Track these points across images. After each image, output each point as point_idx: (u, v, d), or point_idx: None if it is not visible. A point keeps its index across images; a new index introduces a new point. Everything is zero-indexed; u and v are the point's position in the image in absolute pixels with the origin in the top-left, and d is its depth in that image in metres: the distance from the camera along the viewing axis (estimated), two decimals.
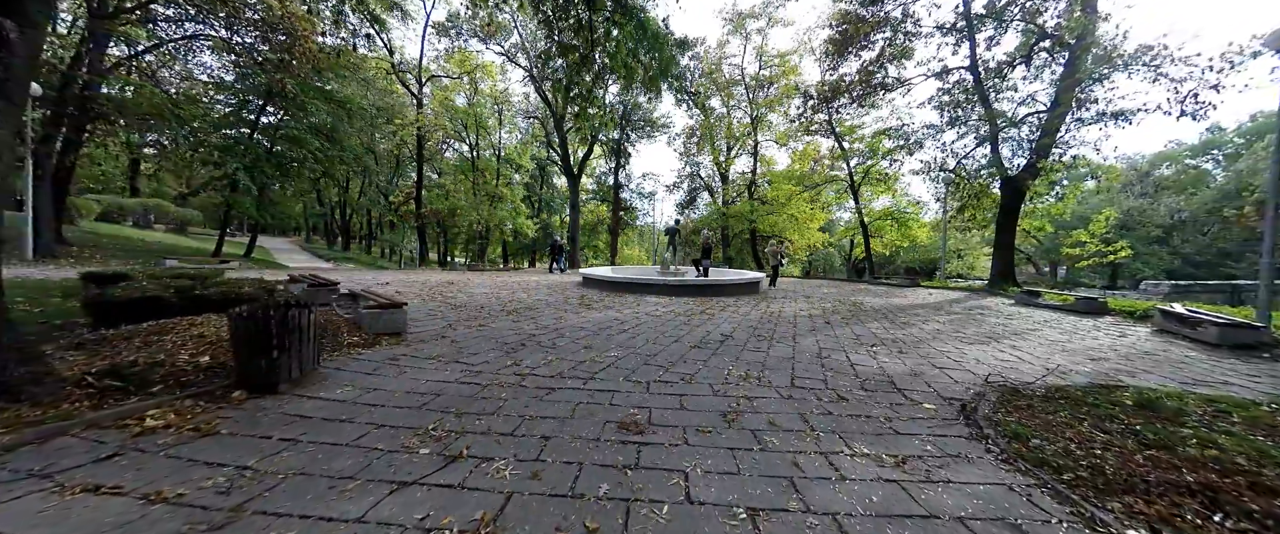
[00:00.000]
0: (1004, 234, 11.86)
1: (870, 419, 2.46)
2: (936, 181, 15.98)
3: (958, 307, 8.75)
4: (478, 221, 24.34)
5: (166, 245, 17.23)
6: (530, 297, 8.10)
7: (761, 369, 3.44)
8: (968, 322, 6.62)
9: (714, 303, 8.01)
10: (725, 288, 9.46)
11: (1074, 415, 2.46)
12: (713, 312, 6.81)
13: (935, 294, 11.67)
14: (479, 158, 30.58)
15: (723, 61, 24.98)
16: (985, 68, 13.16)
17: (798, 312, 7.18)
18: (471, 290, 8.76)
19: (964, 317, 7.20)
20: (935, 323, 6.38)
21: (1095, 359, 4.32)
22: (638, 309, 6.82)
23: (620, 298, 8.37)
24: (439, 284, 9.80)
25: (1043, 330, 5.99)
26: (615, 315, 6.07)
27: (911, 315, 7.16)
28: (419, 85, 21.42)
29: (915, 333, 5.43)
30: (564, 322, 5.40)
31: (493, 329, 4.73)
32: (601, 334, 4.67)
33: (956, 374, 3.50)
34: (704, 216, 28.56)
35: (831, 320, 6.30)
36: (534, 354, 3.68)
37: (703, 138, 26.77)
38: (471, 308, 6.26)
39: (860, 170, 18.98)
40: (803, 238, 24.47)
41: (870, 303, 8.96)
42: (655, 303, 7.72)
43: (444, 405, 2.45)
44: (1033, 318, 7.29)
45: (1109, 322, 7.11)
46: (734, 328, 5.36)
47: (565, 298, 8.05)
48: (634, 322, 5.58)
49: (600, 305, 7.13)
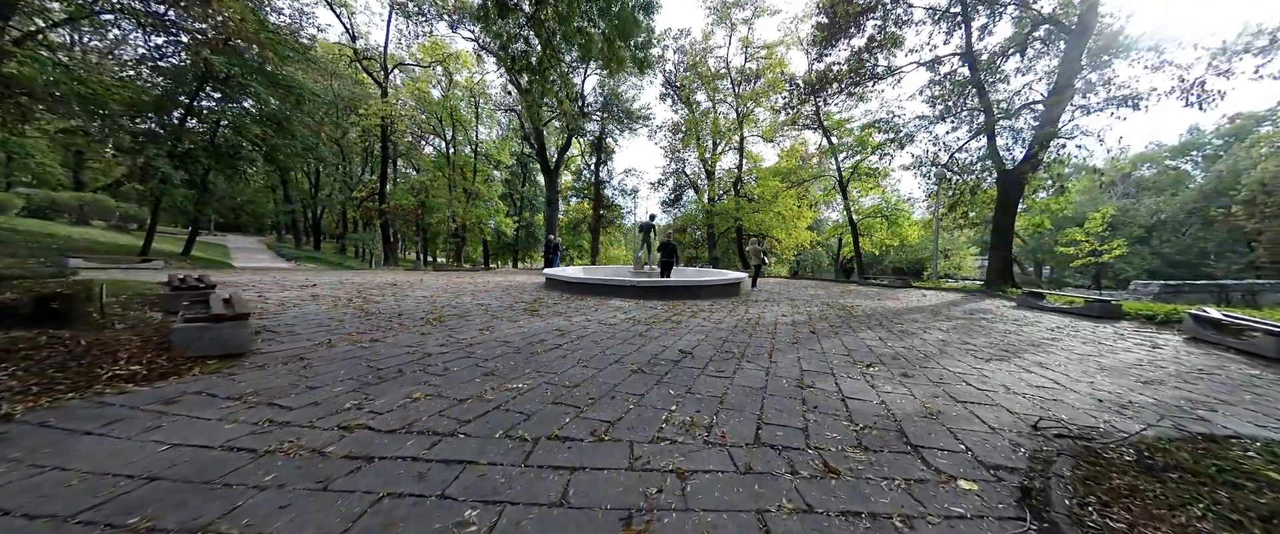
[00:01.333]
0: (1001, 231, 11.10)
1: (876, 519, 1.46)
2: (928, 177, 15.24)
3: (957, 310, 7.88)
4: (448, 219, 23.03)
5: (90, 242, 15.70)
6: (474, 301, 7.01)
7: (717, 408, 2.43)
8: (974, 329, 5.72)
9: (686, 307, 7.01)
10: (701, 290, 8.47)
11: (1211, 501, 1.49)
12: (681, 318, 5.80)
13: (930, 296, 10.85)
14: (455, 153, 29.28)
15: (707, 54, 24.08)
16: (979, 58, 12.42)
17: (779, 318, 6.21)
18: (412, 294, 7.63)
19: (967, 323, 6.30)
20: (938, 331, 5.46)
21: (1148, 382, 3.40)
22: (593, 316, 5.78)
23: (580, 302, 7.33)
24: (378, 287, 8.65)
25: (1063, 340, 5.10)
26: (560, 324, 5.03)
27: (908, 322, 6.24)
28: (385, 73, 20.10)
29: (918, 345, 4.48)
30: (489, 334, 4.34)
31: (383, 347, 3.65)
32: (524, 352, 3.62)
33: (988, 413, 2.53)
34: (688, 214, 27.63)
35: (818, 329, 5.34)
36: (402, 388, 2.62)
37: (688, 133, 25.85)
38: (385, 316, 5.16)
39: (849, 166, 18.20)
40: (790, 237, 23.69)
41: (861, 306, 8.05)
42: (618, 308, 6.70)
43: (120, 511, 1.38)
44: (1043, 324, 6.43)
45: (1129, 328, 6.28)
46: (699, 340, 4.35)
47: (514, 302, 6.98)
48: (578, 333, 4.54)
49: (550, 311, 6.07)
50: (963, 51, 12.22)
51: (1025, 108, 11.21)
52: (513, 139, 30.15)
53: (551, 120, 21.74)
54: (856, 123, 17.76)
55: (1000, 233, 11.09)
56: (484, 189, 28.51)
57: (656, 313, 6.25)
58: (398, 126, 20.03)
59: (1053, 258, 41.48)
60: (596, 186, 26.77)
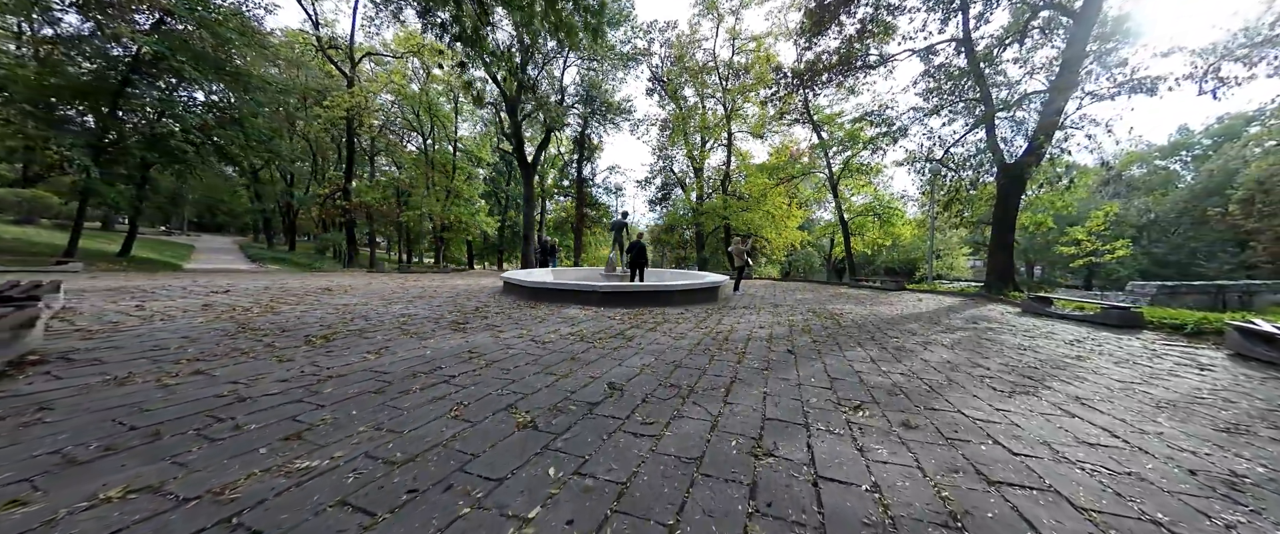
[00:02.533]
0: (1001, 230, 10.30)
1: None
2: (922, 174, 14.46)
3: (957, 318, 7.02)
4: (415, 219, 21.91)
5: (24, 242, 14.46)
6: (402, 309, 6.02)
7: (608, 510, 1.50)
8: (982, 345, 4.84)
9: (651, 316, 6.08)
10: (673, 295, 7.54)
11: None
12: (637, 332, 4.87)
13: (926, 299, 10.02)
14: (436, 150, 28.14)
15: (695, 46, 23.20)
16: (977, 45, 11.63)
17: (755, 329, 5.29)
18: (332, 302, 6.63)
19: (973, 336, 5.43)
20: (940, 347, 4.57)
21: (1232, 430, 2.51)
22: (532, 330, 4.83)
23: (531, 311, 6.37)
24: (301, 293, 7.63)
25: (1090, 360, 4.24)
26: (481, 344, 4.07)
27: (905, 333, 5.35)
28: (351, 63, 18.96)
29: (919, 370, 3.58)
30: (375, 360, 3.37)
31: (193, 387, 2.68)
32: (392, 390, 2.66)
33: (1043, 512, 1.61)
34: (674, 212, 26.72)
35: (797, 345, 4.43)
36: (117, 472, 1.65)
37: (675, 129, 24.97)
38: (265, 333, 4.17)
39: (840, 162, 17.39)
40: (780, 236, 22.89)
41: (851, 313, 7.17)
42: (569, 318, 5.75)
43: None
44: (1059, 336, 5.58)
45: (1157, 340, 5.45)
46: (643, 367, 3.42)
47: (449, 313, 6.01)
48: (495, 357, 3.59)
49: (482, 325, 5.11)
50: (959, 38, 11.43)
51: (1027, 98, 10.41)
52: (494, 135, 29.08)
53: (529, 115, 20.69)
54: (848, 117, 16.97)
55: (1001, 232, 10.29)
56: (465, 187, 27.40)
57: (611, 325, 5.31)
58: (365, 119, 18.88)
59: (1044, 258, 41.19)
60: (578, 184, 25.79)
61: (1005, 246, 10.21)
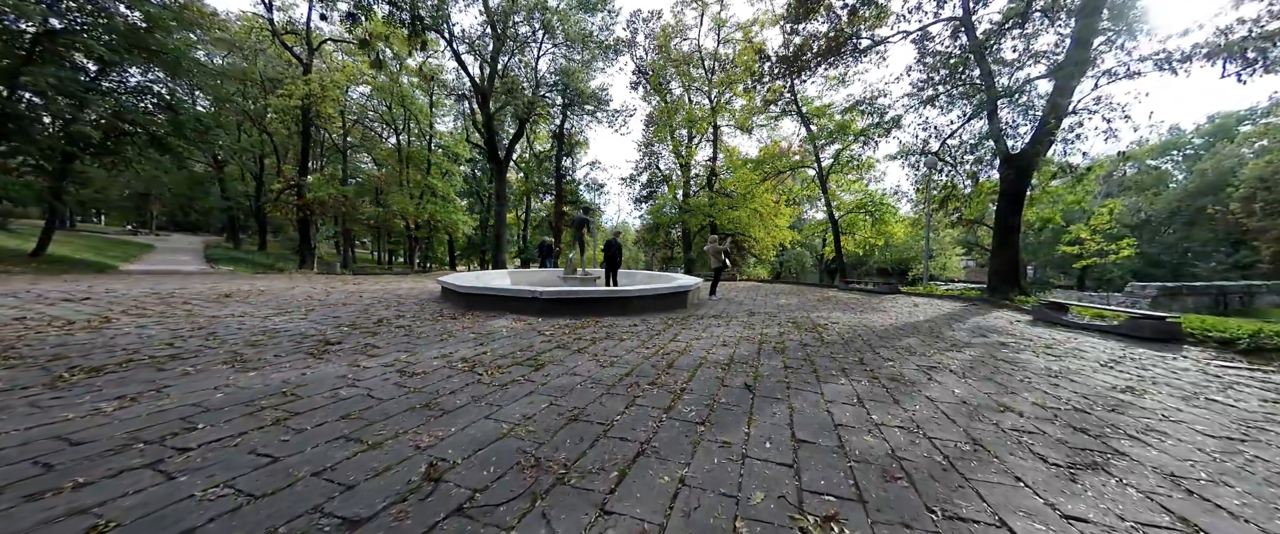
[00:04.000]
0: (1005, 228, 9.31)
1: None
2: (916, 168, 13.47)
3: (961, 329, 5.97)
4: (383, 217, 20.62)
5: None
6: (287, 321, 4.85)
7: None
8: (1001, 371, 3.77)
9: (593, 330, 4.97)
10: (631, 302, 6.43)
11: None
12: (560, 354, 3.75)
13: (921, 304, 8.99)
14: (408, 146, 26.84)
15: (680, 36, 22.14)
16: (977, 27, 10.64)
17: (713, 349, 4.19)
18: (208, 313, 5.44)
19: (986, 356, 4.37)
20: (950, 375, 3.50)
21: None
22: (423, 352, 3.70)
23: (449, 323, 5.23)
24: (188, 299, 6.42)
25: (1149, 396, 3.18)
26: (325, 375, 2.93)
27: (902, 353, 4.27)
28: (309, 49, 17.63)
29: (925, 421, 2.49)
30: (132, 407, 2.23)
31: None
32: (38, 480, 1.52)
33: None
34: (657, 208, 25.61)
35: (761, 375, 3.33)
36: None
37: (661, 124, 23.87)
38: (27, 358, 2.99)
39: (830, 155, 16.39)
40: (769, 235, 21.87)
41: (838, 323, 6.10)
42: (490, 332, 4.63)
43: None
44: (1089, 355, 4.54)
45: (1210, 360, 4.42)
46: (527, 418, 2.30)
47: (337, 327, 4.85)
48: (318, 401, 2.46)
49: (359, 345, 3.96)
50: (958, 18, 10.44)
51: (1032, 83, 9.40)
52: (469, 129, 27.83)
53: (502, 107, 19.48)
54: (838, 107, 15.97)
55: (1004, 230, 9.30)
56: (440, 184, 26.11)
57: (533, 343, 4.18)
58: (323, 109, 17.56)
59: (1037, 258, 40.60)
60: (557, 181, 24.59)
61: (1009, 246, 9.21)
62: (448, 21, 15.84)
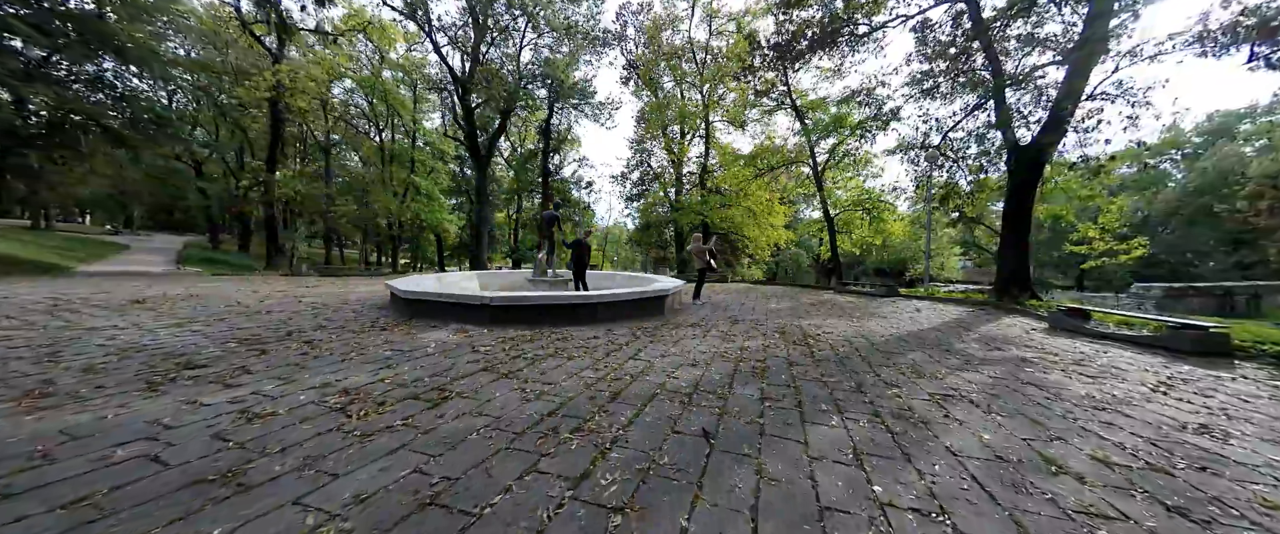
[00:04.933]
0: (1015, 225, 8.57)
1: None
2: (916, 163, 12.74)
3: (973, 341, 5.22)
4: (364, 216, 19.77)
5: None
6: (170, 336, 4.06)
7: None
8: (1033, 401, 3.01)
9: (541, 345, 4.19)
10: (597, 309, 5.65)
11: None
12: (481, 382, 2.97)
13: (925, 309, 8.24)
14: (391, 142, 25.99)
15: (670, 28, 21.38)
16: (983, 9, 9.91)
17: (678, 372, 3.40)
18: (86, 324, 4.64)
19: (1009, 375, 3.61)
20: (971, 410, 2.73)
21: None
22: (304, 380, 2.92)
23: (377, 335, 4.45)
24: (83, 305, 5.61)
25: (1236, 443, 2.43)
26: (147, 416, 2.15)
27: (908, 375, 3.50)
28: (279, 40, 16.77)
29: (948, 492, 1.73)
30: None
31: None
32: None
33: None
34: (648, 206, 24.84)
35: (733, 408, 2.56)
36: None
37: (651, 119, 23.10)
38: None
39: (825, 150, 15.66)
40: (763, 235, 21.12)
41: (832, 333, 5.34)
42: (418, 347, 3.85)
43: None
44: (1128, 373, 3.80)
45: (1266, 378, 3.69)
46: (362, 496, 1.52)
47: (224, 344, 4.06)
48: (115, 457, 1.67)
49: (231, 369, 3.17)
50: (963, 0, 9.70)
51: (1042, 70, 8.66)
52: (454, 126, 27.00)
53: (483, 103, 18.66)
54: (834, 101, 15.23)
55: (1014, 227, 8.57)
56: (424, 182, 25.27)
57: (457, 364, 3.40)
58: (293, 102, 16.69)
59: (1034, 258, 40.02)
60: (544, 179, 23.79)
61: (1019, 245, 8.48)
62: (424, 7, 15.02)
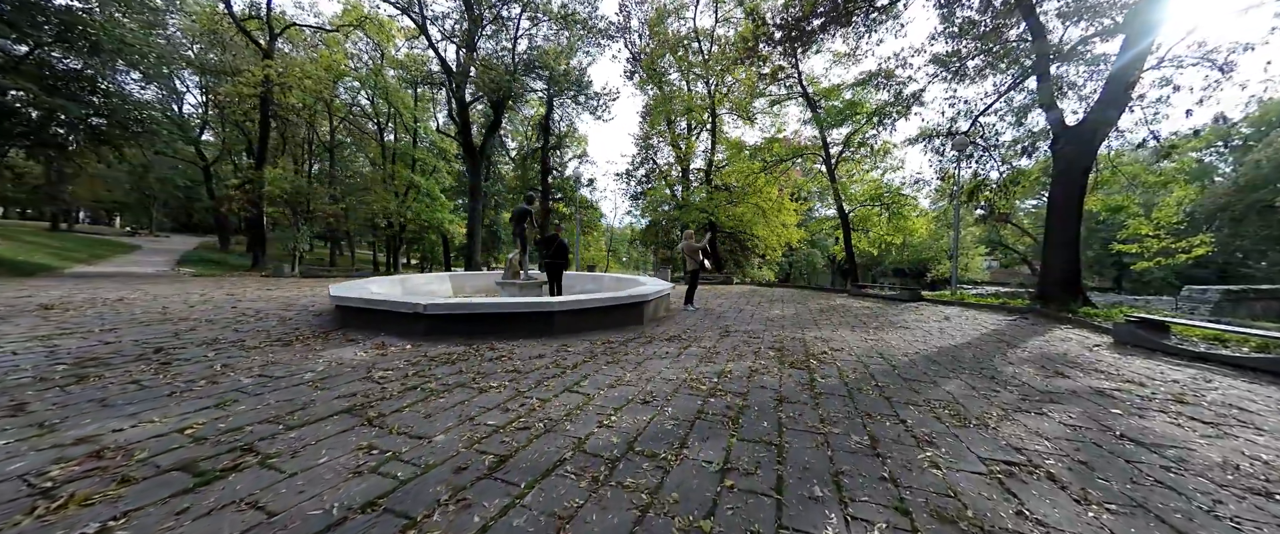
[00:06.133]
0: (1063, 218, 7.34)
1: None
2: (941, 153, 11.49)
3: (1025, 362, 4.12)
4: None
5: None
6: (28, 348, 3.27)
7: None
8: (1147, 472, 1.95)
9: (471, 365, 3.28)
10: (557, 318, 4.72)
11: None
12: (328, 428, 2.06)
13: (954, 318, 7.09)
14: (392, 142, 25.58)
15: (674, 17, 20.40)
16: None
17: (618, 416, 2.42)
18: None
19: (1092, 422, 2.54)
20: (1057, 493, 1.69)
21: None
22: (118, 421, 2.04)
23: (288, 348, 3.60)
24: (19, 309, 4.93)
25: None
26: None
27: (948, 423, 2.45)
28: (270, 35, 16.33)
29: None
30: None
31: None
32: None
33: None
34: (652, 203, 23.85)
35: (675, 492, 1.58)
36: None
37: (655, 113, 22.14)
38: None
39: (839, 141, 14.44)
40: (774, 234, 19.94)
41: (842, 350, 4.29)
42: (320, 365, 2.97)
43: None
44: (1265, 420, 2.68)
45: None
46: None
47: (101, 355, 3.25)
48: None
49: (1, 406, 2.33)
50: None
51: (1098, 37, 7.38)
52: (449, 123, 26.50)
53: (478, 97, 17.95)
54: (849, 85, 13.98)
55: (1062, 221, 7.32)
56: (424, 181, 24.78)
57: (314, 401, 2.50)
58: (287, 98, 16.23)
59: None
60: (543, 175, 23.01)
61: (1068, 242, 7.21)
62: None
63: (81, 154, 13.81)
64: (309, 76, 17.43)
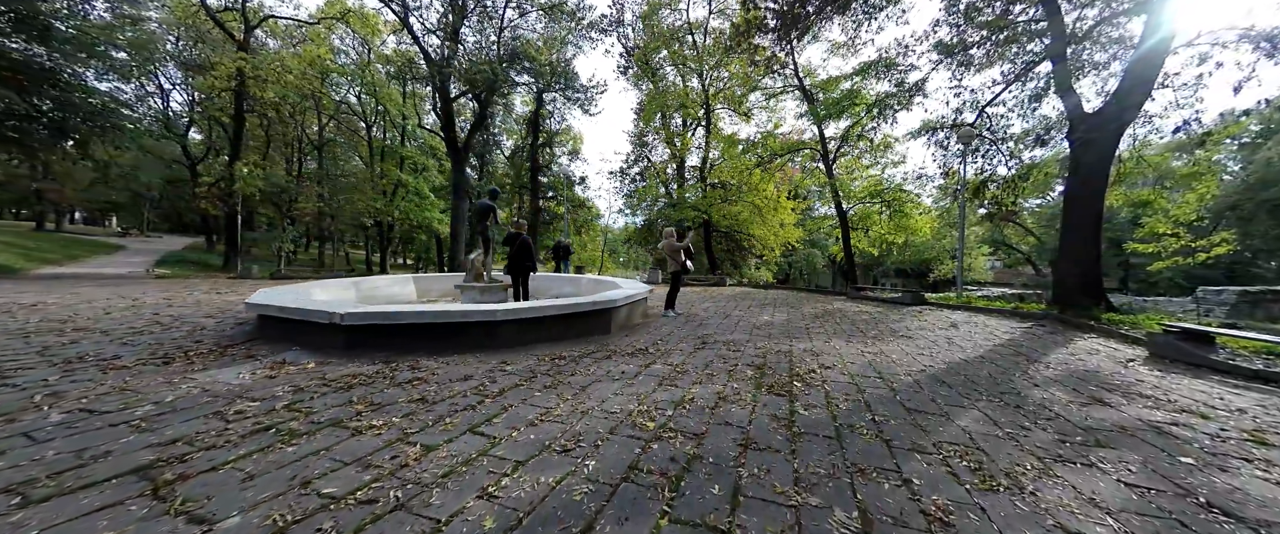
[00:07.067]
0: (1081, 215, 6.66)
1: None
2: (944, 147, 10.82)
3: (1052, 383, 3.45)
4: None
5: None
6: None
7: None
8: None
9: (370, 391, 2.63)
10: (503, 328, 4.06)
11: None
12: (99, 500, 1.40)
13: (960, 324, 6.42)
14: (380, 139, 24.99)
15: (668, 6, 19.75)
16: None
17: (512, 479, 1.75)
18: None
19: (1162, 479, 1.86)
20: None
21: None
22: None
23: (156, 372, 2.95)
24: None
25: None
26: None
27: (970, 478, 1.77)
28: (246, 26, 15.71)
29: None
30: None
31: None
32: None
33: None
34: (640, 201, 23.18)
35: None
36: None
37: (649, 109, 21.49)
38: None
39: (836, 135, 13.77)
40: (771, 233, 19.26)
41: (833, 368, 3.61)
42: (184, 397, 2.31)
43: None
44: None
45: None
46: None
47: None
48: None
49: None
50: None
51: (1125, 15, 6.70)
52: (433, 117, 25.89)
53: (462, 94, 17.30)
54: (847, 76, 13.30)
55: (1080, 219, 6.65)
56: (412, 180, 24.18)
57: (94, 465, 1.85)
58: (260, 92, 15.60)
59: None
60: (532, 174, 22.36)
61: (1088, 240, 6.55)
62: None
63: (47, 151, 13.19)
64: (290, 71, 16.83)
